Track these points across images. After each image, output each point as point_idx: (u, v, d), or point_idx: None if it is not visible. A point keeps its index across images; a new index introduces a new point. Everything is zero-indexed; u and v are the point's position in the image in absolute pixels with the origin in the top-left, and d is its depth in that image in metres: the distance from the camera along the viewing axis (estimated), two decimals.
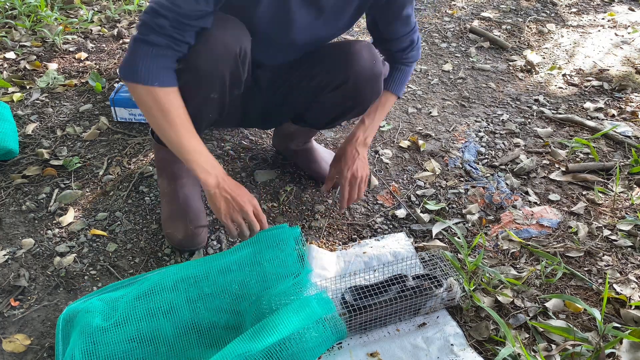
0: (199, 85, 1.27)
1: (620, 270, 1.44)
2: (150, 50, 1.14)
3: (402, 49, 1.50)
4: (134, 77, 1.15)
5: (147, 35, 1.14)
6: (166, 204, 1.54)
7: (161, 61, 1.16)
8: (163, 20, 1.13)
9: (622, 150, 1.93)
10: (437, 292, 1.27)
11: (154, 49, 1.14)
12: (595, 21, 2.87)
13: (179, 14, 1.13)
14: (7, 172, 1.75)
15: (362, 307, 1.22)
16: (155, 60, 1.15)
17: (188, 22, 1.15)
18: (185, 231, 1.48)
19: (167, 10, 1.12)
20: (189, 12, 1.13)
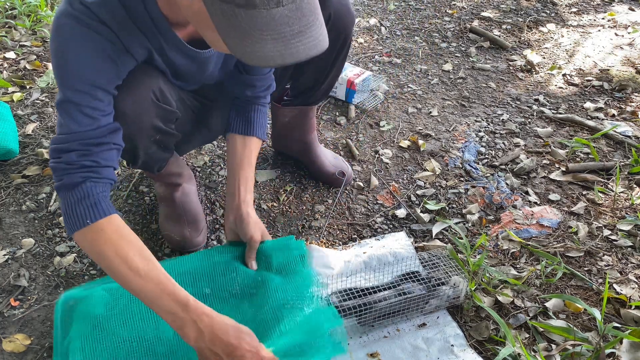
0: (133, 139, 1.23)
1: (620, 270, 1.44)
2: (70, 194, 1.02)
3: (267, 86, 1.39)
4: (75, 225, 1.02)
5: (62, 179, 1.03)
6: (164, 207, 1.55)
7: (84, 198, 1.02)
8: (69, 155, 1.02)
9: (622, 150, 1.93)
10: (441, 290, 1.27)
11: (72, 190, 1.02)
12: (595, 21, 2.87)
13: (82, 138, 1.02)
14: (7, 172, 1.75)
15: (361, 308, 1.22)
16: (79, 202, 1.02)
17: (97, 142, 1.03)
18: (184, 233, 1.48)
19: (67, 141, 1.01)
20: (91, 133, 1.02)
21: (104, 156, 1.05)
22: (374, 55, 2.53)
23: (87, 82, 1.00)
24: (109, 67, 1.03)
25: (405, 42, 2.65)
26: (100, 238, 1.02)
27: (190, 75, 1.25)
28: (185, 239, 1.48)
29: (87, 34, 0.98)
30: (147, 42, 1.08)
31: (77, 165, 1.02)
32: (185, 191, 1.55)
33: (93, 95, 1.01)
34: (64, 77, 1.01)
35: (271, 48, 0.82)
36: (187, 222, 1.49)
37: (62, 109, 1.02)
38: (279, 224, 1.62)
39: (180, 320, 1.01)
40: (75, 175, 1.02)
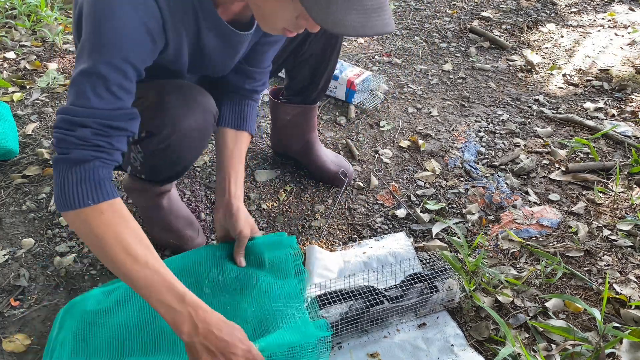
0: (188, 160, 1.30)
1: (620, 270, 1.44)
2: (75, 169, 0.97)
3: (263, 83, 1.38)
4: (71, 204, 0.96)
5: (69, 152, 0.97)
6: (152, 217, 1.51)
7: (91, 179, 0.97)
8: (83, 130, 0.96)
9: (622, 150, 1.93)
10: (433, 296, 1.27)
11: (78, 166, 0.97)
12: (595, 21, 2.87)
13: (101, 117, 0.97)
14: (7, 172, 1.75)
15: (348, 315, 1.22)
16: (84, 180, 0.97)
17: (116, 125, 0.99)
18: (183, 235, 1.47)
19: (84, 116, 0.96)
20: (112, 114, 0.98)
21: (119, 140, 1.01)
22: (374, 55, 2.53)
23: (122, 57, 0.95)
24: (146, 45, 0.99)
25: (405, 42, 2.65)
26: (99, 220, 0.97)
27: (216, 61, 1.22)
28: (185, 241, 1.47)
29: (132, 6, 0.94)
30: (181, 23, 1.05)
31: (91, 143, 0.97)
32: (172, 197, 1.53)
33: (124, 73, 0.97)
34: (99, 46, 0.94)
35: (354, 18, 0.84)
36: (181, 225, 1.49)
37: (87, 79, 0.95)
38: (279, 224, 1.62)
39: (175, 313, 0.98)
40: (86, 152, 0.97)
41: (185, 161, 1.33)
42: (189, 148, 1.27)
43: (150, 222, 1.51)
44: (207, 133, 1.28)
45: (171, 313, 0.98)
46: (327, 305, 1.22)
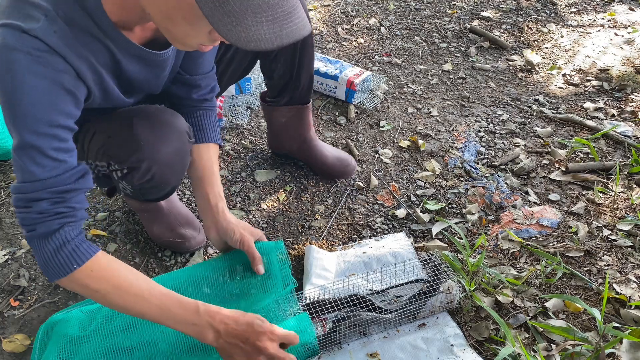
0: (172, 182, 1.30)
1: (620, 270, 1.44)
2: (46, 242, 0.98)
3: (211, 87, 1.34)
4: (59, 273, 0.99)
5: (34, 229, 0.97)
6: (151, 218, 1.52)
7: (65, 243, 0.99)
8: (39, 204, 0.96)
9: (622, 150, 1.92)
10: (432, 299, 1.27)
11: (49, 239, 0.98)
12: (595, 21, 2.87)
13: (51, 185, 0.96)
14: (7, 172, 1.75)
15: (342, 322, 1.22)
16: (60, 249, 0.98)
17: (69, 188, 0.98)
18: (183, 233, 1.48)
19: (35, 190, 0.95)
20: (60, 179, 0.96)
21: (77, 200, 1.01)
22: (374, 55, 2.53)
23: (47, 122, 0.92)
24: (67, 102, 0.96)
25: (405, 42, 2.65)
26: (92, 278, 1.01)
27: (145, 83, 1.18)
28: (186, 240, 1.48)
29: (39, 69, 0.89)
30: (94, 62, 1.00)
31: (51, 213, 0.97)
32: (171, 198, 1.53)
33: (55, 136, 0.94)
34: (19, 120, 0.91)
35: (267, 30, 0.80)
36: (181, 223, 1.49)
37: (23, 153, 0.93)
38: (279, 224, 1.62)
39: (196, 327, 1.05)
40: (50, 222, 0.97)
41: (172, 183, 1.32)
42: (172, 172, 1.26)
43: (150, 222, 1.51)
44: (185, 153, 1.26)
45: (193, 329, 1.05)
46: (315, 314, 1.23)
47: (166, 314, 1.04)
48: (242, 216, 1.63)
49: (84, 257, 1.00)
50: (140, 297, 1.03)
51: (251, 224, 1.60)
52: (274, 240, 1.56)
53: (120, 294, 1.03)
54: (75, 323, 1.19)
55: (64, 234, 0.99)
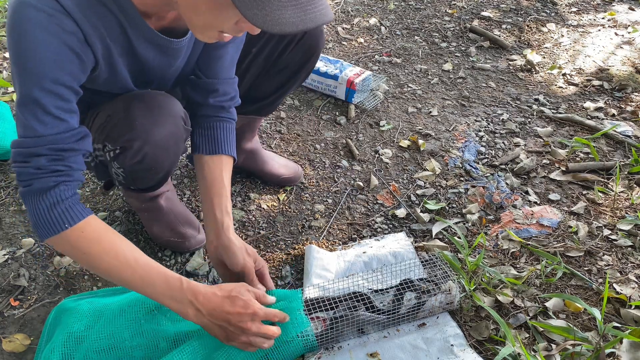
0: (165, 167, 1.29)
1: (620, 270, 1.44)
2: (41, 198, 0.99)
3: (229, 94, 1.32)
4: (50, 231, 0.99)
5: (31, 184, 0.98)
6: (150, 217, 1.51)
7: (60, 202, 1.00)
8: (37, 159, 0.97)
9: (622, 150, 1.92)
10: (431, 300, 1.27)
11: (44, 195, 0.99)
12: (595, 21, 2.86)
13: (51, 142, 0.97)
14: (7, 172, 1.75)
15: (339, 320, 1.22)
16: (54, 206, 0.99)
17: (68, 147, 1.00)
18: (183, 233, 1.48)
19: (34, 145, 0.97)
20: (60, 137, 0.98)
21: (75, 160, 1.02)
22: (374, 54, 2.53)
23: (52, 79, 0.95)
24: (74, 63, 0.98)
25: (405, 42, 2.65)
26: (83, 239, 1.01)
27: (157, 71, 1.19)
28: (185, 239, 1.48)
29: (50, 27, 0.91)
30: (105, 35, 1.02)
31: (48, 169, 0.98)
32: (169, 196, 1.53)
33: (59, 95, 0.96)
34: (25, 74, 0.94)
35: (291, 14, 0.83)
36: (180, 223, 1.49)
37: (25, 108, 0.95)
38: (279, 224, 1.62)
39: (177, 302, 1.04)
40: (46, 179, 0.99)
41: (164, 168, 1.31)
42: (165, 155, 1.25)
43: (149, 222, 1.51)
44: (179, 137, 1.25)
45: (175, 304, 1.04)
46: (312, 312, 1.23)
47: (149, 285, 1.04)
48: (242, 216, 1.63)
49: (76, 217, 1.01)
50: (126, 265, 1.03)
51: (251, 224, 1.60)
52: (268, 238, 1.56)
53: (107, 259, 1.02)
54: (83, 317, 1.19)
55: (59, 192, 0.99)
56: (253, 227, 1.60)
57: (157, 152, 1.22)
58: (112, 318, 1.19)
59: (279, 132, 2.01)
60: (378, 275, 1.34)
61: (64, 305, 1.24)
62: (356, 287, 1.31)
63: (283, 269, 1.46)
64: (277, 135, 1.99)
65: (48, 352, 1.14)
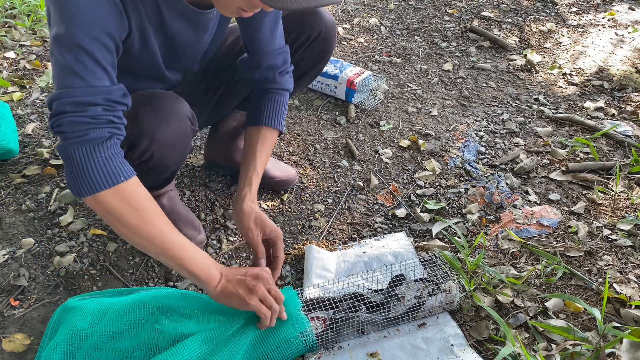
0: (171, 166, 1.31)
1: (621, 270, 1.44)
2: (97, 149, 0.98)
3: (275, 66, 1.33)
4: (106, 182, 0.99)
5: (86, 134, 0.96)
6: None
7: (115, 155, 1.00)
8: (94, 108, 0.97)
9: (622, 150, 1.92)
10: (431, 300, 1.27)
11: (100, 146, 0.98)
12: (595, 20, 2.86)
13: (104, 92, 0.98)
14: (7, 172, 1.75)
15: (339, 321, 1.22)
16: (111, 158, 0.99)
17: (119, 100, 1.01)
18: (184, 233, 1.47)
19: (89, 95, 0.96)
20: (111, 89, 0.99)
21: (122, 114, 1.03)
22: (374, 54, 2.53)
23: (99, 27, 0.94)
24: (116, 15, 0.99)
25: (405, 42, 2.65)
26: (138, 193, 1.02)
27: (187, 47, 1.21)
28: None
29: None
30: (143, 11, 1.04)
31: (104, 119, 0.98)
32: (171, 196, 1.53)
33: (106, 46, 0.97)
34: (73, 20, 0.92)
35: None
36: (182, 223, 1.49)
37: (74, 58, 0.93)
38: (279, 223, 1.62)
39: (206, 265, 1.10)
40: (102, 130, 0.98)
41: (170, 168, 1.33)
42: (171, 155, 1.27)
43: None
44: (186, 137, 1.26)
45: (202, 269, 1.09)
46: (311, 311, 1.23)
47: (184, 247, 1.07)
48: None
49: (131, 172, 1.02)
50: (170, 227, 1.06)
51: None
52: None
53: (155, 216, 1.04)
54: (87, 315, 1.19)
55: (113, 145, 1.00)
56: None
57: (163, 151, 1.23)
58: (115, 317, 1.19)
59: None
60: (378, 275, 1.34)
61: (68, 304, 1.24)
62: (356, 287, 1.31)
63: (283, 269, 1.46)
64: None
65: (50, 349, 1.14)
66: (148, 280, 1.43)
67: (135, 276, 1.44)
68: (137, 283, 1.42)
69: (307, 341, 1.18)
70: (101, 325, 1.18)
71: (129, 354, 1.15)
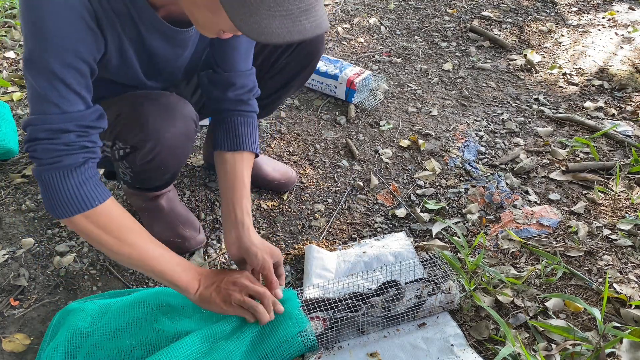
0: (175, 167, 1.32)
1: (620, 270, 1.44)
2: (71, 174, 0.99)
3: (247, 87, 1.30)
4: (79, 207, 1.00)
5: (60, 161, 0.98)
6: (151, 217, 1.51)
7: (89, 178, 1.02)
8: (67, 135, 0.98)
9: (622, 150, 1.92)
10: (431, 300, 1.27)
11: (74, 171, 0.99)
12: (595, 20, 2.86)
13: (78, 119, 0.98)
14: (7, 172, 1.75)
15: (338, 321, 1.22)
16: (85, 182, 1.00)
17: (92, 125, 1.01)
18: (183, 233, 1.48)
19: (62, 122, 0.97)
20: (85, 114, 0.99)
21: (97, 137, 1.04)
22: (374, 54, 2.53)
23: (74, 53, 0.94)
24: (89, 37, 0.97)
25: (405, 42, 2.65)
26: (112, 216, 1.04)
27: (165, 63, 1.20)
28: (186, 240, 1.47)
29: (70, 2, 0.92)
30: (118, 26, 1.03)
31: (77, 146, 0.99)
32: (171, 197, 1.52)
33: (79, 70, 0.96)
34: (45, 44, 0.92)
35: (279, 25, 0.82)
36: (181, 223, 1.49)
37: (47, 85, 0.94)
38: (279, 223, 1.62)
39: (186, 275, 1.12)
40: (76, 155, 0.99)
41: (172, 169, 1.34)
42: (174, 157, 1.26)
43: (150, 222, 1.51)
44: (189, 139, 1.26)
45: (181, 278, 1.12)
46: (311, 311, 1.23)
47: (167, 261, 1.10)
48: None
49: (105, 194, 1.03)
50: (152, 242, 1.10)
51: None
52: (273, 242, 1.56)
53: (133, 236, 1.07)
54: (88, 315, 1.20)
55: (87, 169, 1.01)
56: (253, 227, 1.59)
57: (168, 152, 1.23)
58: (115, 316, 1.19)
59: (279, 131, 2.00)
60: (378, 275, 1.34)
61: (69, 308, 1.24)
62: (356, 287, 1.31)
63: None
64: (277, 135, 1.99)
65: (51, 349, 1.14)
66: (148, 280, 1.43)
67: (135, 276, 1.44)
68: (137, 283, 1.42)
69: (307, 341, 1.18)
70: (102, 324, 1.18)
71: (129, 353, 1.15)
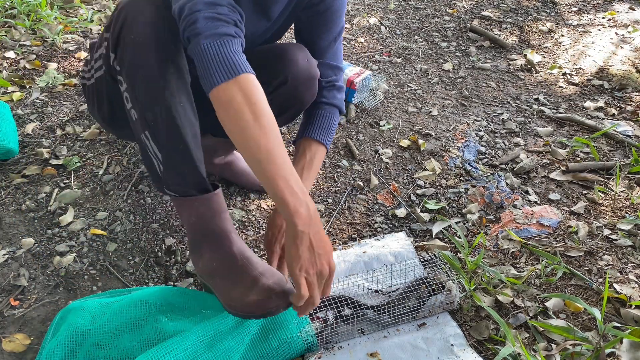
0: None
1: (621, 270, 1.44)
2: (228, 43, 1.02)
3: (327, 77, 1.35)
4: (233, 71, 1.00)
5: (217, 28, 1.02)
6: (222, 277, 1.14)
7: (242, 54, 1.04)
8: (222, 7, 1.04)
9: (622, 150, 1.92)
10: (431, 300, 1.27)
11: (230, 41, 1.02)
12: (595, 20, 2.86)
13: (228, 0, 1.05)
14: (7, 172, 1.75)
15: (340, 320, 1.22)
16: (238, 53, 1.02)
17: (237, 7, 1.07)
18: (268, 294, 1.11)
19: None
20: None
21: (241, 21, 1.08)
22: (374, 54, 2.53)
23: None
24: None
25: (405, 42, 2.65)
26: (257, 87, 1.02)
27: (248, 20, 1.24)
28: (271, 299, 1.14)
29: None
30: None
31: (230, 18, 1.04)
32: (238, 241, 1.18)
33: None
34: None
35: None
36: (270, 281, 1.13)
37: None
38: None
39: (298, 200, 0.98)
40: (230, 27, 1.03)
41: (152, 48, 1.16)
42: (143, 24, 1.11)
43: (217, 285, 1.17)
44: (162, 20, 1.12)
45: (294, 199, 0.98)
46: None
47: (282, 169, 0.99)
48: (243, 216, 1.63)
49: (249, 67, 1.03)
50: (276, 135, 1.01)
51: (251, 224, 1.60)
52: None
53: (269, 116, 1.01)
54: (88, 314, 1.20)
55: (239, 44, 1.04)
56: (253, 227, 1.59)
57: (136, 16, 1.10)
58: (116, 315, 1.19)
59: None
60: (378, 275, 1.34)
61: (70, 307, 1.24)
62: (356, 287, 1.31)
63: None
64: None
65: (52, 347, 1.14)
66: (148, 280, 1.43)
67: (135, 276, 1.44)
68: (137, 283, 1.42)
69: (307, 341, 1.19)
70: (102, 322, 1.18)
71: (129, 352, 1.15)
